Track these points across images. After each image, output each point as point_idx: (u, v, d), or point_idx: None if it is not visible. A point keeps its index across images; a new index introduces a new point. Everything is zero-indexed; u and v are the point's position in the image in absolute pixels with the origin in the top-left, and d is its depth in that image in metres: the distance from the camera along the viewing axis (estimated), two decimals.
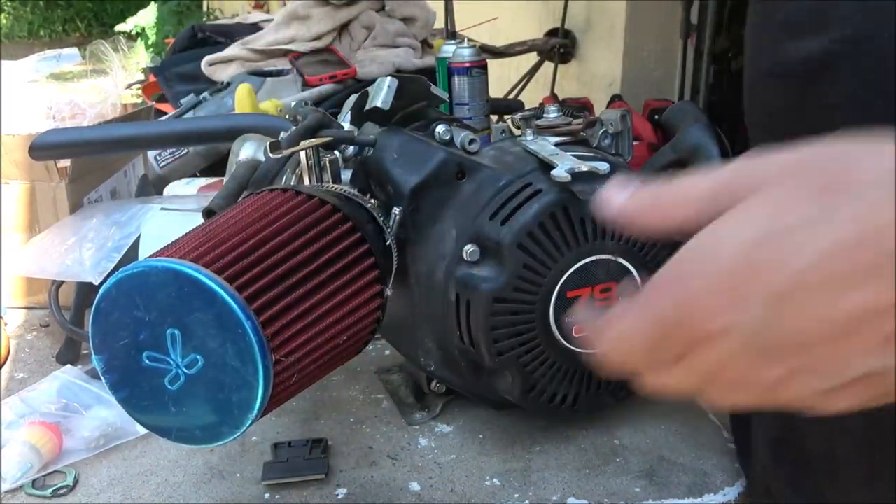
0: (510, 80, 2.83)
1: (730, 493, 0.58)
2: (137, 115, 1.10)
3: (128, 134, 0.83)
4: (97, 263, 0.81)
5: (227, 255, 0.42)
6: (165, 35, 6.66)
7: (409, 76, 0.65)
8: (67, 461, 0.63)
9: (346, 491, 0.60)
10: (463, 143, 0.60)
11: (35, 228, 0.93)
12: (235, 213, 0.46)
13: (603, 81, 2.68)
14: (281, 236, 0.44)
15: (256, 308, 0.40)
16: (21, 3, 10.48)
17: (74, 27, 10.74)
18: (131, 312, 0.41)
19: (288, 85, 1.22)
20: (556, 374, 0.60)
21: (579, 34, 2.78)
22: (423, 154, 0.59)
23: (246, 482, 0.61)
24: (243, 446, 0.65)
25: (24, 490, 0.60)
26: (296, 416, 0.70)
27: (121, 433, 0.66)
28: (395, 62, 1.32)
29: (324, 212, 0.48)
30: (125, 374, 0.42)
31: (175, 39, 1.71)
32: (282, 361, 0.41)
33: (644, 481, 0.60)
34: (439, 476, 0.61)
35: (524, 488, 0.59)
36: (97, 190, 0.99)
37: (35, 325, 0.90)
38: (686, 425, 0.66)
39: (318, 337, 0.44)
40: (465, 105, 1.20)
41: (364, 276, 0.47)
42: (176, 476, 0.62)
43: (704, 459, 0.62)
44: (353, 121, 0.65)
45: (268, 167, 0.57)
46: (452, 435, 0.66)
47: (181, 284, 0.40)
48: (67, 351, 0.80)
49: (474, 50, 1.20)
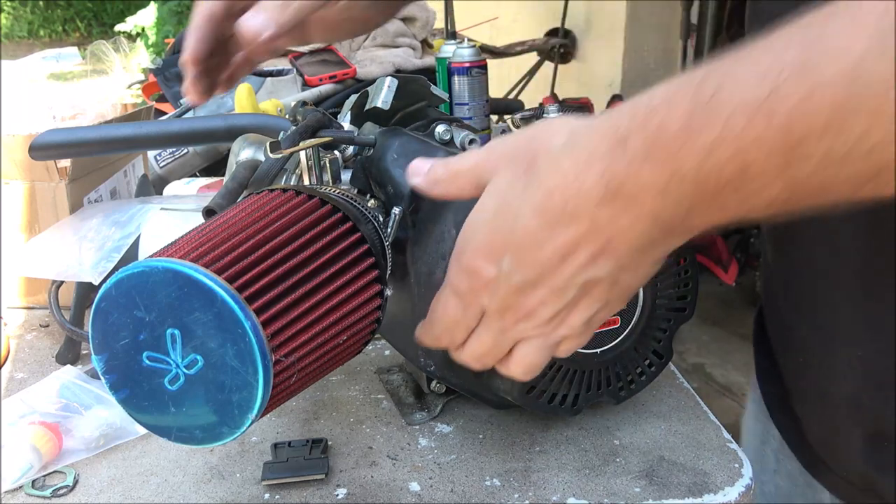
0: (510, 80, 2.83)
1: (730, 493, 0.58)
2: (137, 115, 1.10)
3: (128, 134, 0.83)
4: (97, 263, 0.81)
5: (226, 255, 0.42)
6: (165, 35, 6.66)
7: (409, 76, 0.65)
8: (67, 461, 0.63)
9: (346, 491, 0.60)
10: (463, 143, 0.60)
11: (35, 228, 0.93)
12: (235, 212, 0.46)
13: (603, 81, 2.67)
14: (281, 236, 0.44)
15: (256, 308, 0.40)
16: (21, 3, 10.48)
17: (74, 27, 10.74)
18: (131, 312, 0.41)
19: (288, 85, 1.22)
20: (555, 374, 0.60)
21: (579, 34, 2.77)
22: (423, 154, 0.59)
23: (246, 482, 0.61)
24: (243, 446, 0.65)
25: (24, 490, 0.60)
26: (296, 416, 0.70)
27: (121, 433, 0.66)
28: (395, 62, 1.32)
29: (324, 212, 0.48)
30: (125, 374, 0.42)
31: (175, 39, 1.71)
32: (282, 361, 0.41)
33: (644, 481, 0.60)
34: (439, 476, 0.61)
35: (524, 488, 0.59)
36: (97, 190, 0.99)
37: (35, 325, 0.90)
38: (686, 425, 0.66)
39: (319, 337, 0.44)
40: (465, 105, 1.20)
41: (364, 276, 0.47)
42: (176, 476, 0.62)
43: (704, 459, 0.62)
44: (353, 121, 0.65)
45: (268, 167, 0.57)
46: (452, 435, 0.66)
47: (181, 284, 0.40)
48: (67, 351, 0.80)
49: (474, 50, 1.21)
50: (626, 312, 0.61)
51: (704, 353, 2.76)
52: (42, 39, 10.13)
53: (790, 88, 0.31)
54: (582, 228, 0.39)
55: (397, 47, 1.37)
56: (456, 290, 0.46)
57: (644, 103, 0.37)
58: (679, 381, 0.73)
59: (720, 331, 2.81)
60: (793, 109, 0.32)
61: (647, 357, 0.64)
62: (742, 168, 0.34)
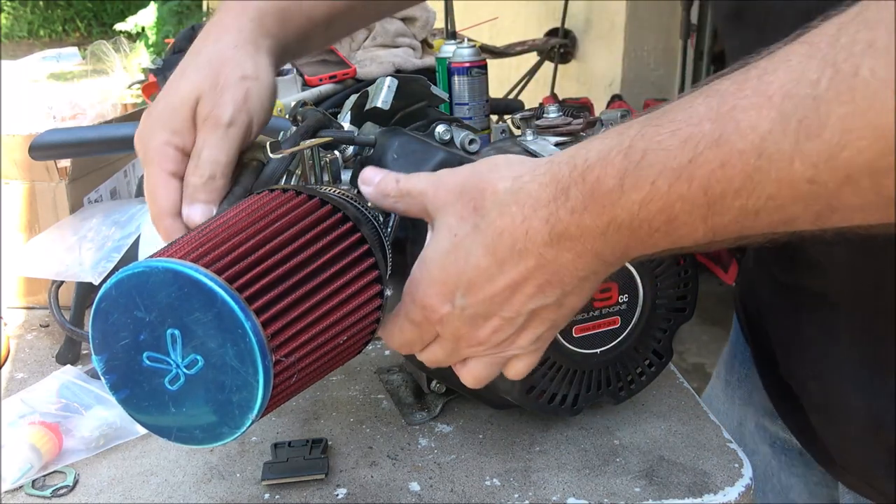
0: (510, 80, 2.83)
1: (730, 493, 0.58)
2: (137, 115, 1.10)
3: (128, 134, 0.83)
4: (97, 263, 0.82)
5: (227, 255, 0.42)
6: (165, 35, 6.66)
7: (409, 76, 0.65)
8: (67, 461, 0.63)
9: (346, 491, 0.60)
10: (463, 143, 0.60)
11: (35, 228, 0.93)
12: (235, 213, 0.46)
13: (603, 81, 2.67)
14: (281, 236, 0.44)
15: (256, 308, 0.40)
16: (21, 3, 10.48)
17: (74, 27, 10.75)
18: (131, 313, 0.41)
19: (288, 85, 1.22)
20: (555, 374, 0.60)
21: (579, 34, 2.77)
22: (423, 154, 0.59)
23: (246, 482, 0.61)
24: (243, 446, 0.65)
25: (24, 490, 0.60)
26: (296, 416, 0.70)
27: (121, 433, 0.66)
28: (395, 62, 1.32)
29: (324, 212, 0.48)
30: (125, 374, 0.42)
31: (175, 39, 1.71)
32: (282, 362, 0.41)
33: (644, 481, 0.60)
34: (439, 476, 0.61)
35: (524, 488, 0.59)
36: (97, 190, 0.99)
37: (35, 325, 0.90)
38: (686, 425, 0.66)
39: (319, 337, 0.44)
40: (465, 105, 1.20)
41: (364, 277, 0.47)
42: (176, 476, 0.62)
43: (704, 459, 0.62)
44: (353, 121, 0.65)
45: (272, 170, 0.57)
46: (452, 435, 0.66)
47: (181, 285, 0.40)
48: (67, 351, 0.80)
49: (474, 50, 1.20)
50: (627, 312, 0.61)
51: (704, 353, 2.76)
52: (42, 39, 10.13)
53: (707, 157, 0.36)
54: (530, 264, 0.43)
55: (397, 47, 1.37)
56: (411, 321, 0.49)
57: (582, 157, 0.42)
58: (679, 381, 0.73)
59: (720, 331, 2.81)
60: (710, 175, 0.36)
61: (647, 357, 0.64)
62: (669, 219, 0.39)
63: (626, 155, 0.39)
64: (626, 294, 0.60)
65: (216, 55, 0.56)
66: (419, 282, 0.48)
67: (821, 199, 0.35)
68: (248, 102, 0.55)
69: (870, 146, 0.32)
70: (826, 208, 0.35)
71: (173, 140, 0.54)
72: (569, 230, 0.42)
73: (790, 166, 0.34)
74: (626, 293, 0.60)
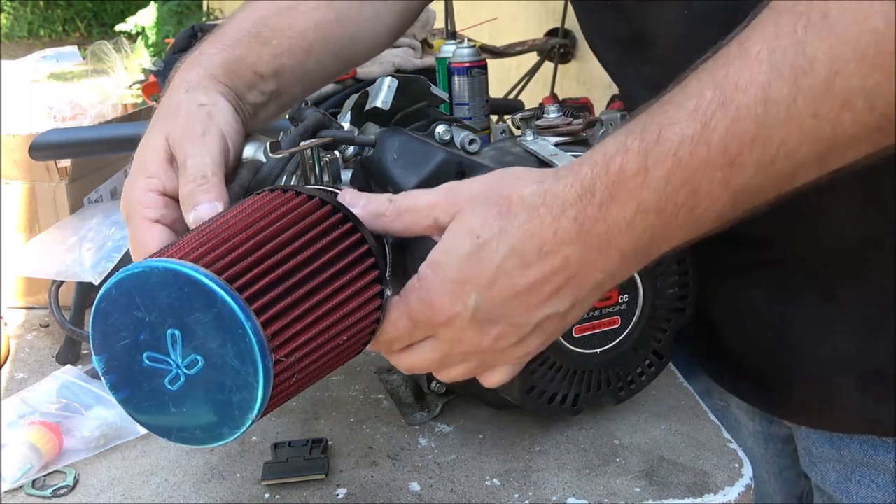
0: (510, 80, 2.83)
1: (730, 493, 0.58)
2: (137, 115, 1.10)
3: (128, 134, 0.83)
4: (97, 263, 0.82)
5: (227, 255, 0.42)
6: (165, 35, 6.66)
7: (409, 76, 0.65)
8: (67, 461, 0.63)
9: (346, 491, 0.60)
10: (463, 143, 0.60)
11: (35, 228, 0.93)
12: (235, 213, 0.46)
13: (603, 81, 2.68)
14: (281, 236, 0.44)
15: (256, 308, 0.40)
16: (21, 3, 10.48)
17: (74, 27, 10.75)
18: (131, 313, 0.41)
19: None
20: (555, 374, 0.60)
21: (579, 34, 2.77)
22: (423, 154, 0.59)
23: (246, 482, 0.61)
24: (243, 446, 0.65)
25: (24, 490, 0.60)
26: (296, 416, 0.70)
27: (121, 433, 0.66)
28: (395, 62, 1.32)
29: (324, 212, 0.48)
30: (125, 374, 0.42)
31: (175, 39, 1.71)
32: (282, 362, 0.41)
33: (644, 481, 0.60)
34: (439, 476, 0.61)
35: (524, 488, 0.59)
36: (97, 190, 0.99)
37: (35, 325, 0.90)
38: (686, 425, 0.66)
39: (319, 337, 0.44)
40: (465, 105, 1.20)
41: (364, 277, 0.47)
42: (176, 476, 0.62)
43: (704, 459, 0.62)
44: (353, 121, 0.65)
45: (269, 168, 0.57)
46: (452, 435, 0.66)
47: (181, 285, 0.40)
48: (67, 351, 0.80)
49: (474, 50, 1.20)
50: (626, 312, 0.61)
51: None
52: (42, 39, 10.12)
53: (718, 120, 0.40)
54: (556, 264, 0.44)
55: (397, 47, 1.36)
56: (411, 317, 0.48)
57: (600, 153, 0.43)
58: (679, 381, 0.73)
59: None
60: (725, 134, 0.40)
61: (647, 357, 0.64)
62: (693, 190, 0.41)
63: (642, 138, 0.42)
64: (626, 294, 0.60)
65: (172, 105, 0.56)
66: (430, 280, 0.47)
67: (824, 134, 0.39)
68: (213, 118, 0.54)
69: (858, 68, 0.37)
70: (829, 147, 0.39)
71: (151, 184, 0.53)
72: (596, 226, 0.43)
73: (794, 104, 0.38)
74: (626, 293, 0.60)
